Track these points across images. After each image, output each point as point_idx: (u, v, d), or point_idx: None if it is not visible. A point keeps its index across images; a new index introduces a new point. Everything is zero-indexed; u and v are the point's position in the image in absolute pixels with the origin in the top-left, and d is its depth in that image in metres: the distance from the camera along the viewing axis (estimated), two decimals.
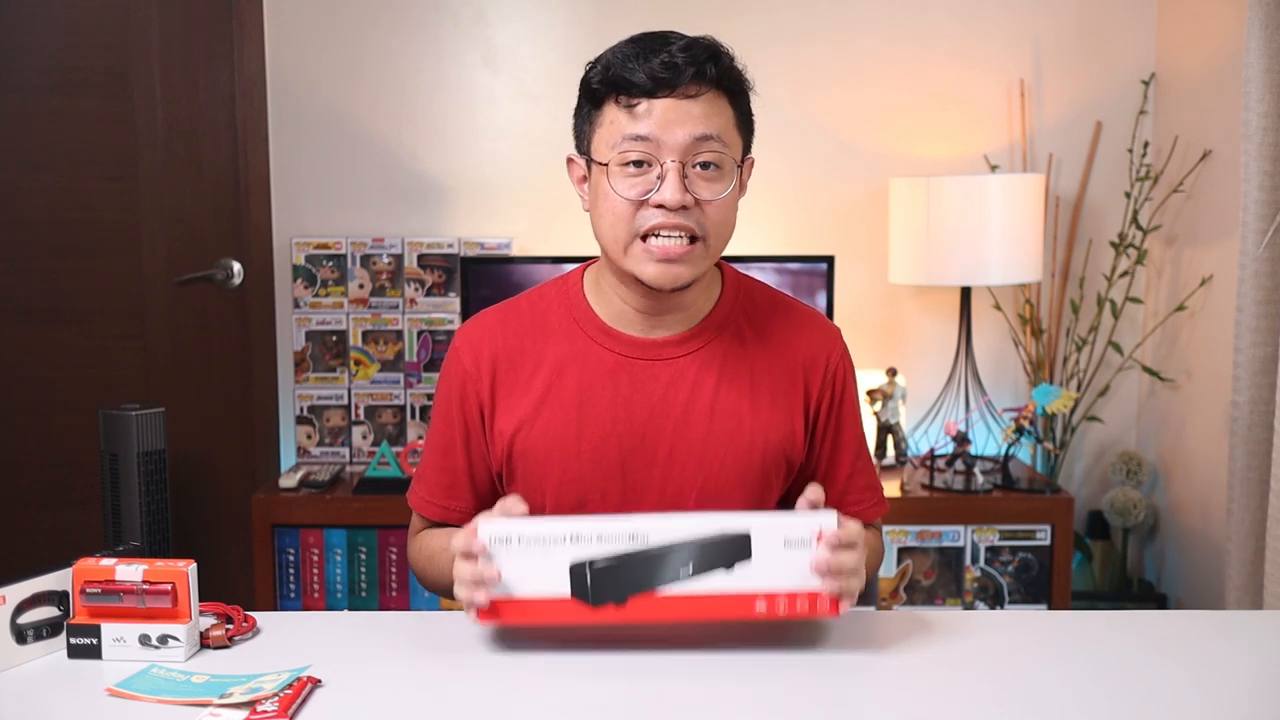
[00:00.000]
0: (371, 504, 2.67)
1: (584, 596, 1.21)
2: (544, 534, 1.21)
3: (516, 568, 1.21)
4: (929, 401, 2.93)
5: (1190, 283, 2.78)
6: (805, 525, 1.22)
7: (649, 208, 1.31)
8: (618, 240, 1.34)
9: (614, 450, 1.39)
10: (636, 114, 1.30)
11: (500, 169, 2.99)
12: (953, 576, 2.68)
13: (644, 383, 1.40)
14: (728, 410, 1.40)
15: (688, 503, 1.40)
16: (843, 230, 2.98)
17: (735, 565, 1.21)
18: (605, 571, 1.20)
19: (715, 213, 1.33)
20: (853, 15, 2.96)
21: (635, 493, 1.40)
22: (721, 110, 1.33)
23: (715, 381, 1.41)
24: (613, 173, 1.32)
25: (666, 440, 1.39)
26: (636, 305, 1.40)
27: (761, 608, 1.22)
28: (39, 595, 1.27)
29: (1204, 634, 1.34)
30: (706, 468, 1.40)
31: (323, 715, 1.12)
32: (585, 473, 1.40)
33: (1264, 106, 2.15)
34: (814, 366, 1.44)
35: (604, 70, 1.32)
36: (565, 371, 1.41)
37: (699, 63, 1.30)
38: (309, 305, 2.96)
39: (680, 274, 1.33)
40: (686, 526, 1.22)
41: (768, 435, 1.41)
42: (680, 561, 1.21)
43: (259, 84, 2.96)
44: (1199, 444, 2.76)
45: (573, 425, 1.40)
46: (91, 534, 2.85)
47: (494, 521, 1.22)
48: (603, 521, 1.22)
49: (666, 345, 1.41)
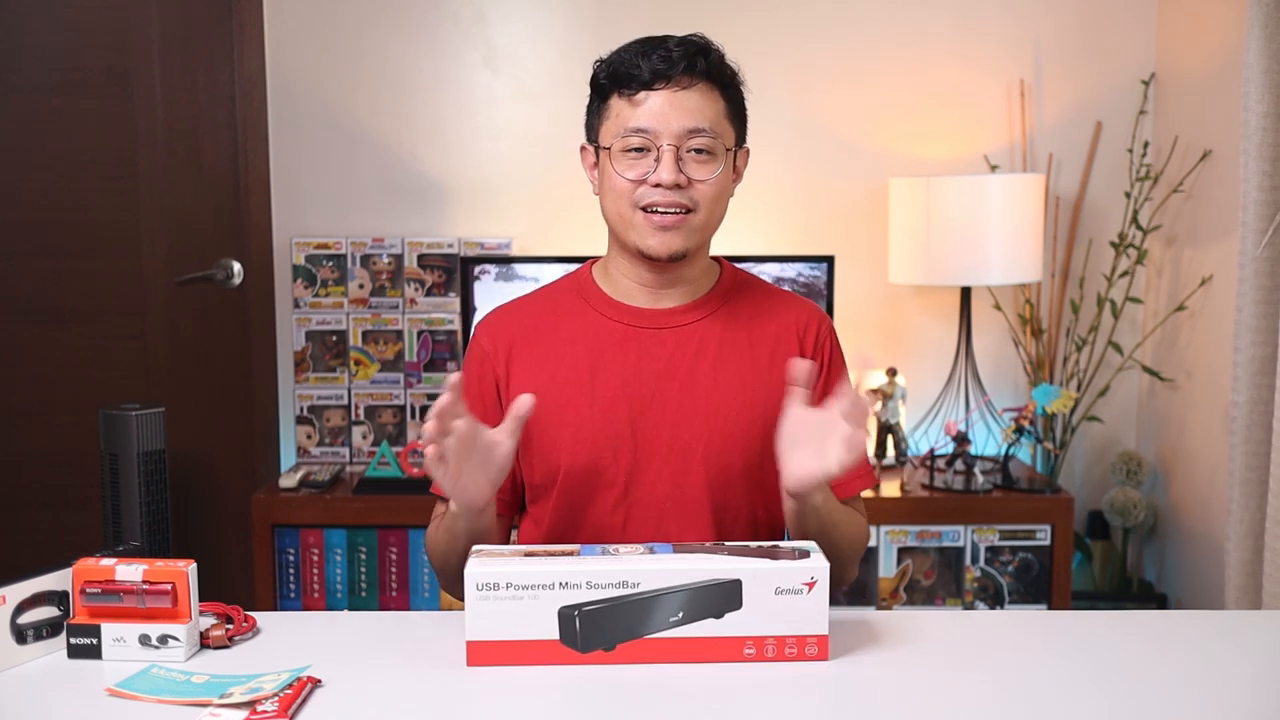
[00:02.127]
0: (371, 504, 2.67)
1: (572, 642, 1.21)
2: (533, 580, 1.20)
3: (506, 613, 1.20)
4: (929, 401, 2.93)
5: (1190, 283, 2.78)
6: (797, 573, 1.22)
7: (648, 186, 1.44)
8: (621, 215, 1.47)
9: (624, 410, 1.48)
10: (637, 104, 1.44)
11: (500, 169, 2.99)
12: (953, 576, 2.68)
13: (651, 348, 1.51)
14: (730, 370, 1.51)
15: (694, 458, 1.48)
16: (843, 230, 2.98)
17: (725, 615, 1.22)
18: (593, 617, 1.20)
19: (706, 189, 1.46)
20: (853, 15, 2.96)
21: (645, 451, 1.48)
22: (713, 101, 1.46)
23: (718, 345, 1.52)
24: (616, 157, 1.46)
25: (674, 399, 1.49)
26: (641, 280, 1.52)
27: (750, 652, 1.22)
28: (39, 595, 1.27)
29: (1204, 634, 1.34)
30: (712, 424, 1.48)
31: (323, 715, 1.12)
32: (598, 433, 1.48)
33: (1264, 106, 2.15)
34: (807, 333, 1.56)
35: (609, 67, 1.47)
36: (577, 342, 1.52)
37: (690, 56, 1.44)
38: (309, 305, 2.96)
39: (675, 242, 1.46)
40: (677, 572, 1.21)
41: (769, 393, 1.49)
42: (670, 609, 1.21)
43: (259, 84, 2.96)
44: (1199, 444, 2.76)
45: (585, 389, 1.49)
46: (91, 534, 2.85)
47: (483, 567, 1.22)
48: (592, 565, 1.21)
49: (672, 314, 1.53)
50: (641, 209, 1.45)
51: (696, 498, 1.48)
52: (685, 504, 1.48)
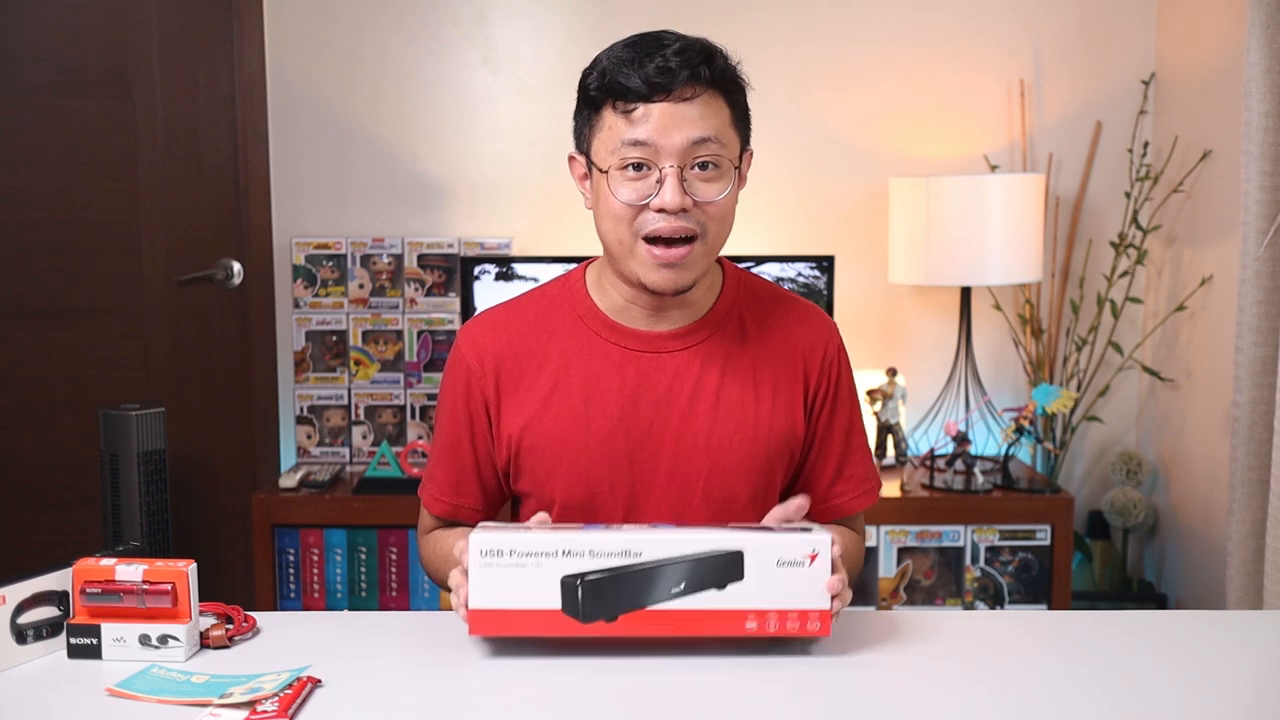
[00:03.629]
0: (371, 504, 2.67)
1: (574, 611, 1.20)
2: (537, 547, 1.20)
3: (509, 580, 1.20)
4: (929, 401, 2.93)
5: (1190, 283, 2.78)
6: (799, 545, 1.22)
7: (649, 211, 1.32)
8: (621, 243, 1.35)
9: (622, 442, 1.41)
10: (634, 119, 1.31)
11: (500, 169, 2.99)
12: (953, 576, 2.68)
13: (649, 375, 1.41)
14: (731, 400, 1.42)
15: (694, 493, 1.41)
16: (843, 230, 2.98)
17: (727, 585, 1.21)
18: (596, 586, 1.20)
19: (715, 211, 1.34)
20: (853, 15, 2.96)
21: (643, 484, 1.42)
22: (718, 110, 1.33)
23: (719, 373, 1.42)
24: (613, 178, 1.33)
25: (673, 431, 1.41)
26: (639, 301, 1.42)
27: (752, 625, 1.22)
28: (39, 595, 1.27)
29: (1204, 634, 1.34)
30: (712, 456, 1.41)
31: (323, 715, 1.12)
32: (594, 466, 1.41)
33: (1265, 106, 2.15)
34: (813, 356, 1.46)
35: (600, 76, 1.33)
36: (571, 367, 1.42)
37: (693, 65, 1.30)
38: (309, 305, 2.96)
39: (681, 278, 1.35)
40: (680, 543, 1.21)
41: (771, 424, 1.43)
42: (672, 579, 1.21)
43: (259, 84, 2.96)
44: (1199, 444, 2.76)
45: (580, 419, 1.41)
46: (91, 534, 2.85)
47: (486, 534, 1.21)
48: (596, 535, 1.21)
49: (671, 338, 1.43)
50: (644, 239, 1.33)
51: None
52: None
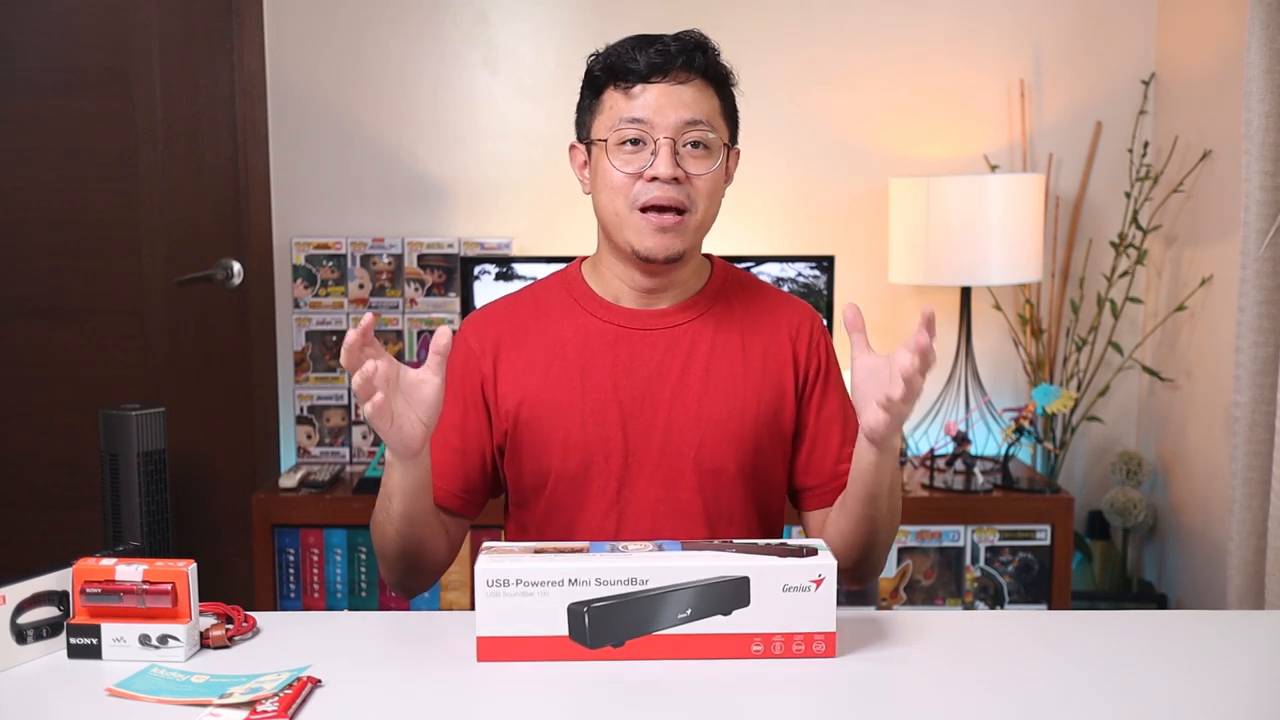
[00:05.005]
0: (371, 504, 2.65)
1: (581, 638, 1.21)
2: (543, 576, 1.21)
3: (515, 609, 1.21)
4: (929, 401, 2.93)
5: (1190, 283, 2.78)
6: (804, 570, 1.22)
7: (644, 182, 1.42)
8: (617, 213, 1.44)
9: (615, 414, 1.47)
10: (633, 96, 1.43)
11: (500, 169, 2.99)
12: (953, 576, 2.68)
13: (642, 350, 1.49)
14: (721, 373, 1.49)
15: (685, 463, 1.47)
16: (843, 230, 2.98)
17: (733, 612, 1.22)
18: (603, 613, 1.20)
19: (703, 185, 1.44)
20: (853, 15, 2.96)
21: (636, 455, 1.47)
22: (709, 98, 1.45)
23: (709, 347, 1.50)
24: (611, 150, 1.43)
25: (665, 402, 1.48)
26: (633, 282, 1.50)
27: (758, 649, 1.23)
28: (39, 595, 1.27)
29: (1204, 634, 1.34)
30: (703, 428, 1.47)
31: (323, 715, 1.12)
32: (589, 436, 1.47)
33: (1265, 106, 2.15)
34: (800, 334, 1.54)
35: (604, 60, 1.46)
36: (567, 344, 1.50)
37: (688, 51, 1.43)
38: (309, 305, 2.96)
39: (673, 245, 1.44)
40: (686, 569, 1.21)
41: (760, 396, 1.49)
42: (678, 606, 1.21)
43: (259, 84, 2.96)
44: (1199, 444, 2.76)
45: (576, 391, 1.48)
46: (91, 534, 2.85)
47: (493, 564, 1.22)
48: (602, 562, 1.22)
49: (663, 315, 1.51)
50: (639, 209, 1.42)
51: (689, 501, 1.48)
52: (678, 508, 1.48)
